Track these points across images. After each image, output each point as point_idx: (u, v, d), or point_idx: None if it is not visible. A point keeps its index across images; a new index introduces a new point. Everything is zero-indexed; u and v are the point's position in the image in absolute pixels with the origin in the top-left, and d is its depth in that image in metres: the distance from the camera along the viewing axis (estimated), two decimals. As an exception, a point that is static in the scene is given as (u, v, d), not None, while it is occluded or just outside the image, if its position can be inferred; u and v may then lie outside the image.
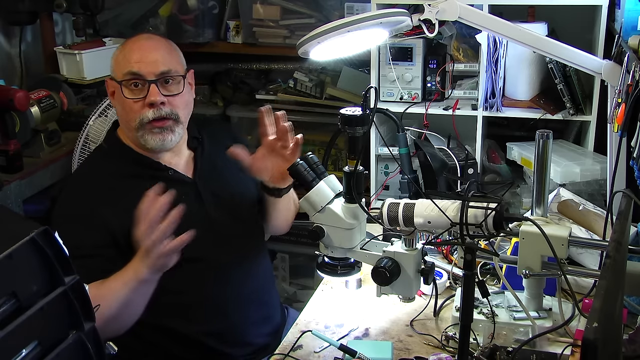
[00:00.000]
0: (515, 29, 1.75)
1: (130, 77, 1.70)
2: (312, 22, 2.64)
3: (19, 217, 2.05)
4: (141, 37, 1.79)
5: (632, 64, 1.57)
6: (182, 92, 1.75)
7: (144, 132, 1.72)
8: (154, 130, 1.72)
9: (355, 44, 1.68)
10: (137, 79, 1.70)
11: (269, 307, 1.87)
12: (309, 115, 2.78)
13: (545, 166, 1.52)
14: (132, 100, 1.71)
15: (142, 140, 1.72)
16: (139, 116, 1.71)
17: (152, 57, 1.72)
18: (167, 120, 1.72)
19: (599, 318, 0.81)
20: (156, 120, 1.71)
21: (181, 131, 1.77)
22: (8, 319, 0.87)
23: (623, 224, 1.13)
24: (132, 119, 1.71)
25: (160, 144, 1.73)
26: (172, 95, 1.73)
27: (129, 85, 1.71)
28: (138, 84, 1.71)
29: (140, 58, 1.71)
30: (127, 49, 1.75)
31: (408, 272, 1.49)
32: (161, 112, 1.71)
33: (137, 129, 1.72)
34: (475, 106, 2.19)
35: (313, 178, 1.57)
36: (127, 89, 1.71)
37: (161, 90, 1.71)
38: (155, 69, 1.71)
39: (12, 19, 2.66)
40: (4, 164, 2.16)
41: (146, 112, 1.70)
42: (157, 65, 1.71)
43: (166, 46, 1.78)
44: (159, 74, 1.71)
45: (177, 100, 1.74)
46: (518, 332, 1.52)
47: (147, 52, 1.73)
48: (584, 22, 2.26)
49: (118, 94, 1.73)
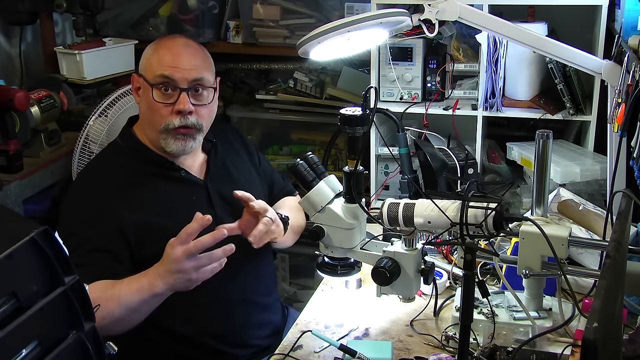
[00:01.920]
0: (515, 29, 1.75)
1: (162, 81, 1.69)
2: (312, 22, 2.64)
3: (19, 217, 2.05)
4: (178, 41, 1.77)
5: (632, 64, 1.57)
6: (211, 103, 1.76)
7: (167, 136, 1.72)
8: (177, 137, 1.72)
9: (355, 44, 1.68)
10: (168, 84, 1.70)
11: (270, 309, 1.87)
12: (309, 115, 2.78)
13: (545, 166, 1.52)
14: (161, 104, 1.70)
15: (164, 143, 1.73)
16: (165, 121, 1.71)
17: (187, 64, 1.71)
18: (192, 129, 1.72)
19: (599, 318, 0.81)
20: (181, 128, 1.71)
21: (201, 138, 1.78)
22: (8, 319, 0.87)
23: (623, 224, 1.13)
24: (158, 122, 1.71)
25: (181, 150, 1.74)
26: (200, 105, 1.73)
27: (159, 89, 1.70)
28: (168, 88, 1.70)
29: (175, 63, 1.70)
30: (162, 50, 1.73)
31: (408, 272, 1.49)
32: (187, 121, 1.71)
33: (161, 132, 1.72)
34: (475, 106, 2.19)
35: (313, 178, 1.57)
36: (157, 92, 1.70)
37: (191, 99, 1.71)
38: (188, 75, 1.70)
39: (12, 19, 2.66)
40: (4, 164, 2.16)
41: (173, 119, 1.70)
42: (191, 72, 1.71)
43: (201, 54, 1.77)
44: (191, 81, 1.71)
45: (204, 110, 1.75)
46: (518, 332, 1.52)
47: (183, 58, 1.71)
48: (584, 22, 2.26)
49: (146, 93, 1.72)
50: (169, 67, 1.69)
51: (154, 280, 1.49)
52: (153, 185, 1.72)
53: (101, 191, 1.68)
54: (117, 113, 2.17)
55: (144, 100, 1.75)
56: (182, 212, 1.72)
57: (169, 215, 1.70)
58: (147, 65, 1.74)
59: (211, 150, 1.86)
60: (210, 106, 1.76)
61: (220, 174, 1.83)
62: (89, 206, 1.66)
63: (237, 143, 1.96)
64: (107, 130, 2.15)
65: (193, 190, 1.77)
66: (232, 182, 1.85)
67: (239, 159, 1.91)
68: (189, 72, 1.70)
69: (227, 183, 1.83)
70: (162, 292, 1.50)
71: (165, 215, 1.69)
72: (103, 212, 1.64)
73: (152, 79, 1.70)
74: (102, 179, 1.73)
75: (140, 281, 1.51)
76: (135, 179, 1.73)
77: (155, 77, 1.70)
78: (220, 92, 2.91)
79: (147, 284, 1.50)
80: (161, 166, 1.76)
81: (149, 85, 1.71)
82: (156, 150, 1.77)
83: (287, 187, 2.06)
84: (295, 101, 2.78)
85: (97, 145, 2.16)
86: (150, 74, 1.71)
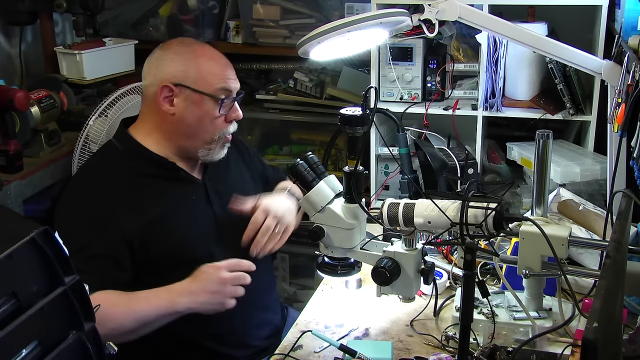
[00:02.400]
0: (515, 29, 1.75)
1: (226, 93, 1.71)
2: (312, 22, 2.64)
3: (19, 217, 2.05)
4: (213, 50, 1.78)
5: (632, 64, 1.57)
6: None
7: (216, 146, 1.74)
8: (224, 145, 1.76)
9: (355, 44, 1.68)
10: (228, 95, 1.72)
11: (270, 309, 1.88)
12: (309, 115, 2.78)
13: (545, 166, 1.52)
14: (221, 117, 1.72)
15: (206, 152, 1.74)
16: (221, 130, 1.73)
17: (233, 73, 1.76)
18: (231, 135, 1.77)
19: (599, 318, 0.81)
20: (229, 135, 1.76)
21: None
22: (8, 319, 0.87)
23: (623, 224, 1.13)
24: (211, 133, 1.72)
25: (221, 156, 1.77)
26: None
27: (216, 101, 1.70)
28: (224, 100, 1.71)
29: (230, 74, 1.74)
30: (208, 62, 1.73)
31: (408, 272, 1.49)
32: (235, 127, 1.77)
33: (210, 142, 1.73)
34: (475, 106, 2.19)
35: (313, 178, 1.57)
36: (214, 104, 1.70)
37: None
38: (237, 85, 1.75)
39: (12, 19, 2.66)
40: (4, 164, 2.16)
41: (227, 127, 1.74)
42: (237, 82, 1.76)
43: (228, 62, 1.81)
44: (239, 90, 1.76)
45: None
46: (518, 332, 1.52)
47: (229, 69, 1.75)
48: (584, 22, 2.26)
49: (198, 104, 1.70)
50: (228, 79, 1.73)
51: (178, 298, 1.54)
52: (153, 186, 1.72)
53: (101, 195, 1.67)
54: (117, 113, 2.17)
55: (193, 113, 1.71)
56: (183, 211, 1.73)
57: (170, 215, 1.70)
58: (198, 76, 1.70)
59: None
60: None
61: (216, 173, 1.84)
62: (89, 211, 1.65)
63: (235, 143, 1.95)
64: (107, 130, 2.15)
65: (192, 189, 1.77)
66: (228, 181, 1.85)
67: (232, 159, 1.91)
68: (236, 81, 1.76)
69: (224, 182, 1.84)
70: (181, 311, 1.55)
71: (167, 216, 1.70)
72: (104, 217, 1.63)
73: (215, 92, 1.70)
74: (101, 182, 1.71)
75: (160, 297, 1.55)
76: (135, 180, 1.72)
77: (217, 90, 1.70)
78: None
79: (168, 300, 1.54)
80: (163, 167, 1.75)
81: (208, 97, 1.69)
82: (157, 152, 1.76)
83: (278, 174, 2.07)
84: (295, 101, 2.79)
85: (97, 145, 2.16)
86: (209, 86, 1.70)
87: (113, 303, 1.53)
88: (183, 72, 1.70)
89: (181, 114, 1.71)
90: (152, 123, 1.75)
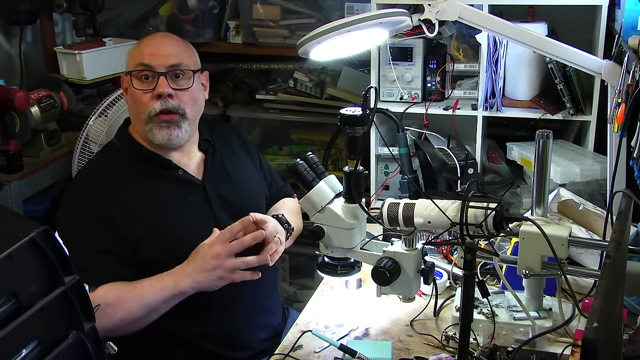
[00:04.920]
0: (515, 29, 1.75)
1: (141, 69, 1.71)
2: (312, 22, 2.64)
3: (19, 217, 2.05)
4: (158, 34, 1.84)
5: (632, 64, 1.57)
6: (192, 88, 1.75)
7: (152, 126, 1.72)
8: (161, 125, 1.71)
9: (355, 44, 1.68)
10: (147, 71, 1.71)
11: (271, 312, 1.87)
12: (309, 115, 2.78)
13: (545, 166, 1.52)
14: (141, 92, 1.71)
15: (151, 135, 1.73)
16: (148, 109, 1.71)
17: (165, 51, 1.74)
18: (174, 115, 1.72)
19: (599, 318, 0.81)
20: (163, 114, 1.71)
21: (188, 128, 1.75)
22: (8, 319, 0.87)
23: (623, 224, 1.13)
24: (142, 112, 1.72)
25: (167, 139, 1.72)
26: (181, 89, 1.73)
27: (139, 77, 1.72)
28: (149, 76, 1.71)
29: (153, 51, 1.73)
30: (143, 43, 1.77)
31: (408, 272, 1.49)
32: (168, 105, 1.71)
33: (146, 122, 1.72)
34: (475, 106, 2.19)
35: (313, 178, 1.57)
36: (137, 80, 1.72)
37: (170, 84, 1.72)
38: (165, 61, 1.72)
39: (12, 19, 2.66)
40: (4, 164, 2.16)
41: (154, 104, 1.71)
42: (169, 58, 1.72)
43: (181, 43, 1.80)
44: (169, 66, 1.72)
45: (186, 95, 1.74)
46: (518, 332, 1.52)
47: (161, 47, 1.75)
48: (584, 22, 2.26)
49: (130, 87, 1.74)
50: (147, 55, 1.72)
51: (180, 279, 1.57)
52: (151, 185, 1.72)
53: (100, 193, 1.68)
54: (117, 113, 2.17)
55: (129, 95, 1.77)
56: (181, 213, 1.73)
57: (168, 215, 1.70)
58: (129, 59, 1.77)
59: (208, 149, 1.86)
60: (192, 91, 1.75)
61: (218, 174, 1.83)
62: (87, 208, 1.66)
63: (237, 143, 1.95)
64: (107, 130, 2.15)
65: (191, 190, 1.77)
66: (230, 183, 1.85)
67: (237, 159, 1.91)
68: (166, 57, 1.72)
69: (225, 183, 1.83)
70: (186, 291, 1.57)
71: (165, 216, 1.70)
72: (102, 215, 1.64)
73: (132, 68, 1.73)
74: (101, 180, 1.72)
75: (163, 281, 1.58)
76: (133, 179, 1.72)
77: (135, 66, 1.72)
78: (220, 92, 2.94)
79: (172, 282, 1.57)
80: (158, 165, 1.76)
81: (128, 75, 1.73)
82: (151, 148, 1.76)
83: (286, 188, 2.07)
84: (295, 101, 2.78)
85: (97, 145, 2.16)
86: (131, 65, 1.74)
87: (119, 293, 1.56)
88: (126, 59, 1.77)
89: (127, 100, 1.80)
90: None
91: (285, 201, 2.01)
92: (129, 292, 1.56)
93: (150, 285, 1.57)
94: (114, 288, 1.57)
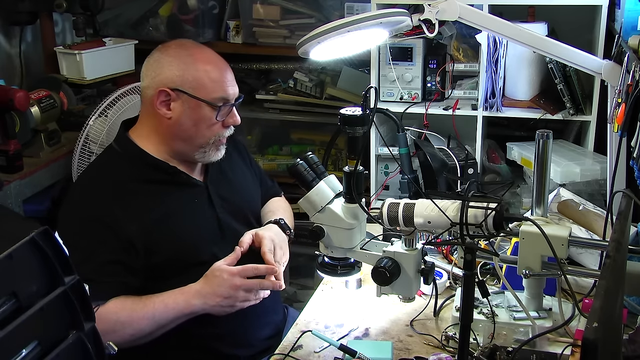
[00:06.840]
0: (515, 29, 1.75)
1: (225, 101, 1.71)
2: (312, 22, 2.64)
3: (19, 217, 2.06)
4: (212, 54, 1.76)
5: (632, 64, 1.57)
6: None
7: (211, 148, 1.74)
8: (220, 147, 1.75)
9: (355, 44, 1.68)
10: (227, 102, 1.71)
11: (273, 310, 1.87)
12: (309, 115, 2.78)
13: (545, 166, 1.52)
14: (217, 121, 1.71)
15: (201, 155, 1.73)
16: (216, 134, 1.72)
17: (231, 78, 1.75)
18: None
19: (599, 318, 0.81)
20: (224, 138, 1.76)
21: None
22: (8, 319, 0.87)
23: (623, 224, 1.13)
24: (208, 137, 1.72)
25: (218, 157, 1.77)
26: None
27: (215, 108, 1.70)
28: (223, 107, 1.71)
29: (228, 79, 1.73)
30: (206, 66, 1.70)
31: (408, 272, 1.49)
32: (232, 131, 1.77)
33: (203, 145, 1.72)
34: (475, 106, 2.19)
35: (313, 178, 1.57)
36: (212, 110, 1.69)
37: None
38: (236, 90, 1.75)
39: (12, 19, 2.67)
40: (4, 164, 2.16)
41: (224, 131, 1.74)
42: (235, 87, 1.75)
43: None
44: (238, 96, 1.75)
45: None
46: (518, 332, 1.52)
47: (229, 73, 1.74)
48: (584, 22, 2.26)
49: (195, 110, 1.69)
50: (228, 86, 1.72)
51: (193, 300, 1.58)
52: (155, 190, 1.71)
53: (103, 201, 1.65)
54: (117, 113, 2.17)
55: (190, 117, 1.70)
56: (186, 215, 1.73)
57: (174, 219, 1.70)
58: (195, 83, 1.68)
59: None
60: None
61: (218, 175, 1.84)
62: (92, 218, 1.63)
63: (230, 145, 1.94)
64: (107, 130, 2.15)
65: (194, 192, 1.77)
66: (230, 184, 1.85)
67: (233, 162, 1.91)
68: (235, 86, 1.75)
69: (225, 184, 1.84)
70: (197, 312, 1.59)
71: (171, 220, 1.69)
72: (107, 223, 1.61)
73: (213, 99, 1.69)
74: (103, 187, 1.69)
75: (176, 299, 1.58)
76: (136, 185, 1.70)
77: (215, 98, 1.69)
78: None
79: (183, 302, 1.58)
80: (164, 171, 1.74)
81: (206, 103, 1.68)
82: (157, 156, 1.74)
83: (274, 187, 2.08)
84: (295, 101, 2.79)
85: (97, 145, 2.15)
86: (208, 94, 1.68)
87: (131, 311, 1.56)
88: (180, 76, 1.68)
89: (178, 119, 1.70)
90: (149, 126, 1.75)
91: (277, 201, 2.03)
92: (141, 310, 1.56)
93: (161, 303, 1.57)
94: (126, 305, 1.56)
